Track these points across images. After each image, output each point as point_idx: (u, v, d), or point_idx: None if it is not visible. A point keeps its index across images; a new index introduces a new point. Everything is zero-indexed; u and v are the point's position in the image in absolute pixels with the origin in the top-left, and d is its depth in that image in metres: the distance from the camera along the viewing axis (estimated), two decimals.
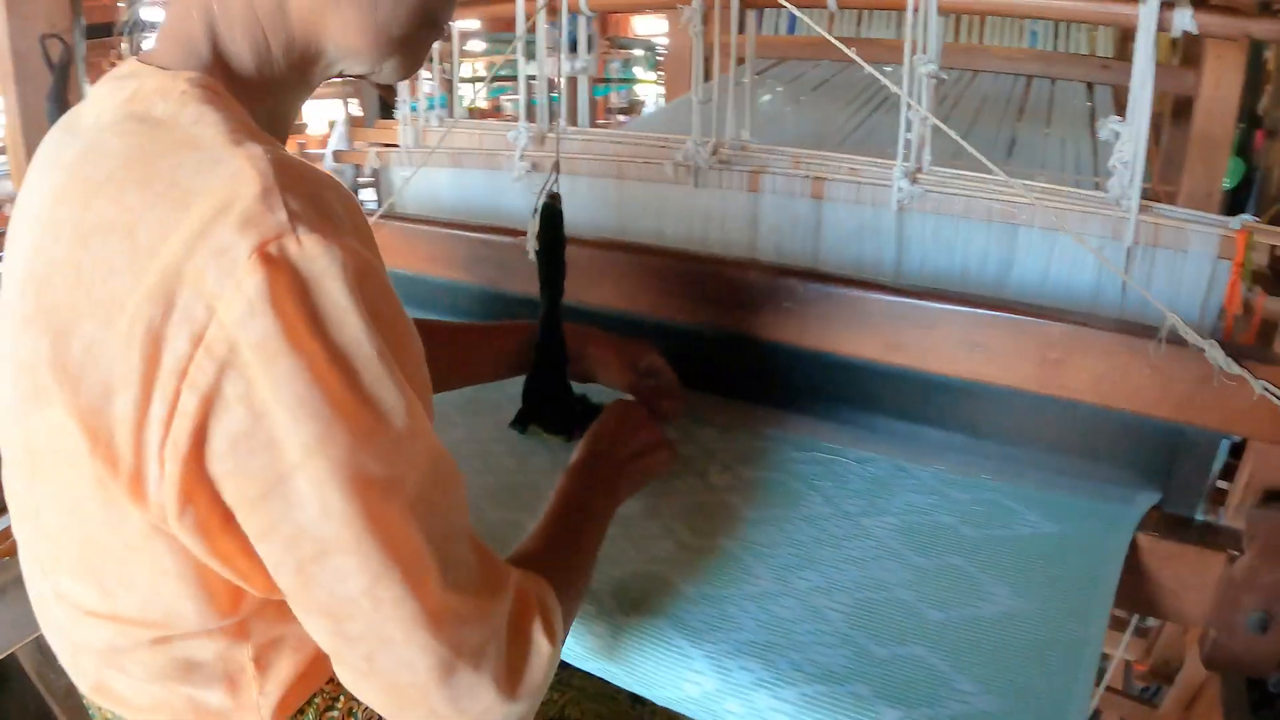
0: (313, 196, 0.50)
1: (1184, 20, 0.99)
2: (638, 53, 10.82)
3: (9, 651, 1.50)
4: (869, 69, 1.00)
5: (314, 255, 0.48)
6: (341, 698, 0.68)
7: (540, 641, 0.60)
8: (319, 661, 0.63)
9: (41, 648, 1.63)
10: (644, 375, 0.98)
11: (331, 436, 0.48)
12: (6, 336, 0.57)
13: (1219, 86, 1.51)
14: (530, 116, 1.39)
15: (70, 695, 1.60)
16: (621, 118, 11.02)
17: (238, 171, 0.49)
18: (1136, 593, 0.87)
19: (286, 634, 0.62)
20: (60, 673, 1.62)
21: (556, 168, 0.97)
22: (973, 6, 1.09)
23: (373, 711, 0.67)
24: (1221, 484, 0.92)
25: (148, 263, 0.48)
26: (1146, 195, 0.99)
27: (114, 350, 0.49)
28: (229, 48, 0.59)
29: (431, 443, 0.54)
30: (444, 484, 0.55)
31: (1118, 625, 1.57)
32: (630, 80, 11.77)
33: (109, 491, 0.52)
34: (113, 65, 0.65)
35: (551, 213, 0.96)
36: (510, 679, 0.57)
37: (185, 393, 0.47)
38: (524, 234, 1.06)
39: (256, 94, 0.60)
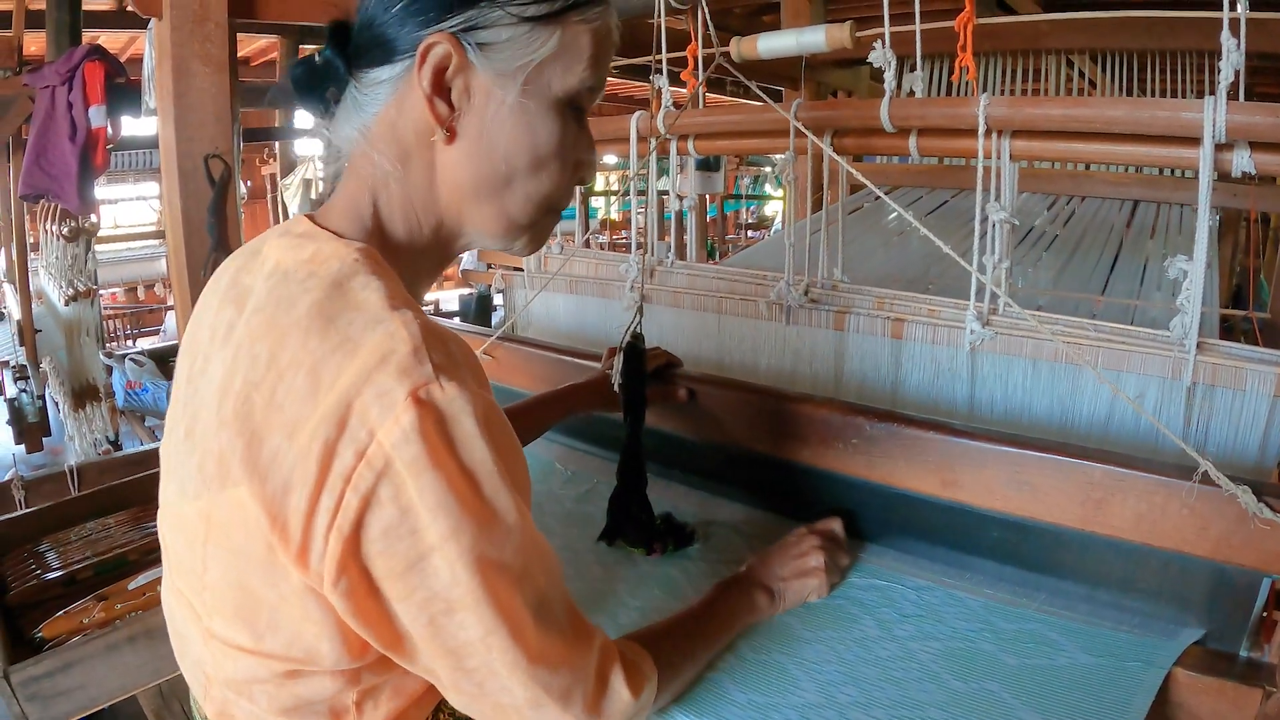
0: (447, 352, 0.73)
1: (1242, 161, 1.09)
2: (767, 169, 11.18)
3: (135, 693, 1.79)
4: (938, 242, 1.17)
5: (452, 398, 0.70)
6: None
7: (619, 688, 0.82)
8: (404, 714, 0.86)
9: (161, 692, 1.94)
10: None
11: (461, 528, 0.70)
12: (204, 432, 0.80)
13: None
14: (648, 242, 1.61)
15: None
16: (752, 233, 11.40)
17: (395, 331, 0.71)
18: None
19: (384, 685, 0.84)
20: (177, 716, 1.90)
21: (640, 311, 1.18)
22: (1044, 154, 1.25)
23: None
24: None
25: (326, 395, 0.71)
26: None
27: (294, 457, 0.71)
28: (388, 224, 0.84)
29: (533, 533, 0.77)
30: (543, 564, 0.78)
31: None
32: (760, 197, 12.15)
33: (276, 558, 0.74)
34: (263, 164, 0.90)
35: (634, 351, 1.18)
36: (592, 716, 0.79)
37: (349, 493, 0.69)
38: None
39: (406, 259, 0.85)
